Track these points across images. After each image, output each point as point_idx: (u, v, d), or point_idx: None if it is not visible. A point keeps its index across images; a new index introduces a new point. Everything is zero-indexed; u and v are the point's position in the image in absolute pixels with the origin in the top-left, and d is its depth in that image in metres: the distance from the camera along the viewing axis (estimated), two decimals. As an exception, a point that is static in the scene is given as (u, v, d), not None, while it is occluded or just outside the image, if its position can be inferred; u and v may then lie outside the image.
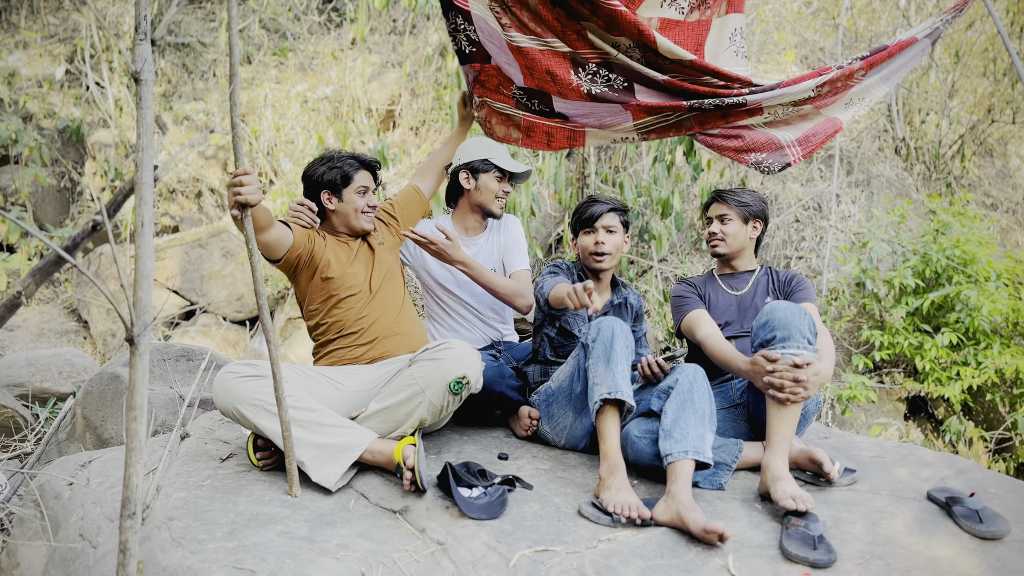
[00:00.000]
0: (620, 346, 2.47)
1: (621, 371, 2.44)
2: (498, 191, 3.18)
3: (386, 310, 2.85)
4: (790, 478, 2.29)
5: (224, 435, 2.75)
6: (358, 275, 2.82)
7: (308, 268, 2.79)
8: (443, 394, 2.46)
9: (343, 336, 2.78)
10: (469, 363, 2.48)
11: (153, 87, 1.72)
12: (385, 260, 2.95)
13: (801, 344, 2.38)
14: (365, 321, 2.79)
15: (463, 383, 2.47)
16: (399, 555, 2.05)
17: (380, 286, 2.87)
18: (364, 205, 2.86)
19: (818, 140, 2.88)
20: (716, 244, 3.00)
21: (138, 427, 1.72)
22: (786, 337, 2.39)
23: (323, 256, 2.78)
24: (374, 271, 2.87)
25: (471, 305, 3.20)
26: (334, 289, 2.78)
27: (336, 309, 2.78)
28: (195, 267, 7.68)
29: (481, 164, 3.15)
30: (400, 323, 2.86)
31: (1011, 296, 5.75)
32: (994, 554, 2.07)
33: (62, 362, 4.63)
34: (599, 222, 2.86)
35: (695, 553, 2.08)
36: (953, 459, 2.71)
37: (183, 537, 2.06)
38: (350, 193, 2.84)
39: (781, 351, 2.38)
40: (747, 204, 2.96)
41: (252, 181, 2.27)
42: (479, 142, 3.21)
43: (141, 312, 1.69)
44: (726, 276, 3.01)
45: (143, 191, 1.69)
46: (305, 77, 9.18)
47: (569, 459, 2.72)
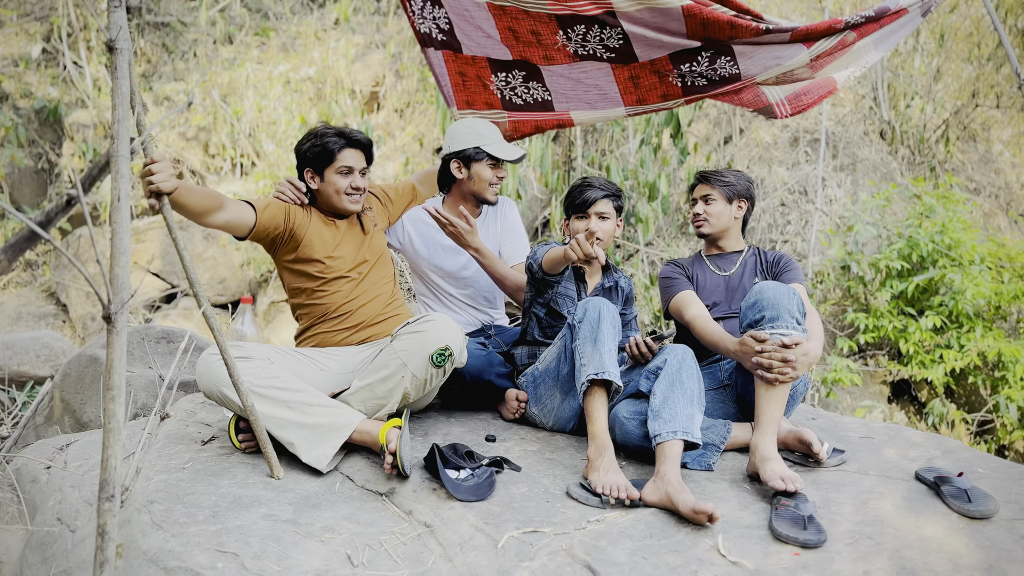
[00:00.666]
0: (607, 326, 2.45)
1: (608, 351, 2.41)
2: (492, 178, 3.03)
3: (375, 295, 2.78)
4: (779, 458, 2.28)
5: (206, 418, 2.71)
6: (345, 258, 2.75)
7: (287, 247, 2.71)
8: (426, 366, 2.41)
9: (327, 319, 2.73)
10: (451, 335, 2.44)
11: (130, 59, 1.66)
12: (378, 244, 2.87)
13: (790, 324, 2.36)
14: (352, 305, 2.73)
15: (446, 355, 2.42)
16: (385, 537, 2.02)
17: (370, 271, 2.80)
18: (347, 186, 2.72)
19: (810, 99, 2.88)
20: (700, 224, 2.98)
21: (116, 407, 1.67)
22: (775, 317, 2.37)
23: (305, 235, 2.70)
24: (364, 254, 2.80)
25: (463, 290, 3.15)
26: (318, 271, 2.72)
27: (321, 291, 2.73)
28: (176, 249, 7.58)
29: (473, 152, 2.99)
30: (389, 308, 2.81)
31: (994, 280, 5.79)
32: (983, 533, 2.07)
33: (40, 345, 4.55)
34: (592, 208, 2.78)
35: (684, 534, 2.07)
36: (941, 439, 2.72)
37: (164, 520, 2.01)
38: (331, 173, 2.71)
39: (770, 331, 2.37)
40: (731, 184, 2.94)
41: (163, 169, 2.20)
42: (469, 126, 3.05)
43: (118, 289, 1.64)
44: (713, 257, 2.99)
45: (120, 164, 1.63)
46: (288, 57, 9.05)
47: (557, 441, 2.70)
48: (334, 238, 2.76)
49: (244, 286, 7.82)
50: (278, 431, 2.33)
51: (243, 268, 7.84)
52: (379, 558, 1.93)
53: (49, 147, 8.66)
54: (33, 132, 8.57)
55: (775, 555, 1.97)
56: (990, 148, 8.58)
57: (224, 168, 8.57)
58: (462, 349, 2.49)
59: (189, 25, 9.53)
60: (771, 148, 7.74)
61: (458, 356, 2.48)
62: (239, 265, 7.82)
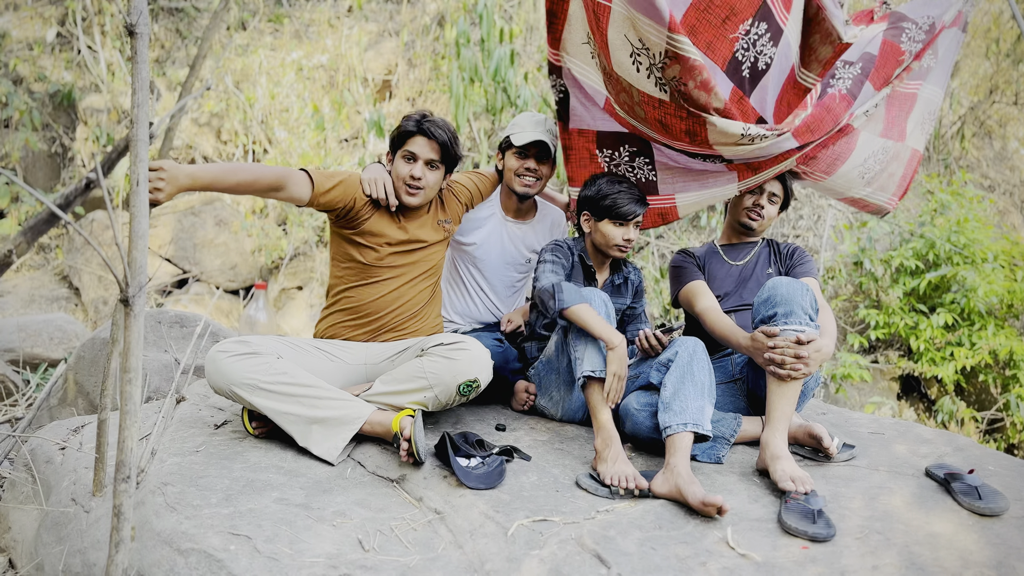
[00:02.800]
0: None
1: (601, 347, 2.42)
2: (518, 168, 2.95)
3: (407, 304, 2.72)
4: (789, 457, 2.27)
5: (219, 402, 2.72)
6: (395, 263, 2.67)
7: (342, 223, 2.63)
8: (451, 393, 2.42)
9: (351, 311, 2.70)
10: (482, 367, 2.43)
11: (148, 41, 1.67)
12: (436, 253, 2.78)
13: (803, 320, 2.36)
14: (381, 307, 2.68)
15: (473, 386, 2.43)
16: (396, 523, 2.03)
17: (414, 279, 2.72)
18: (406, 175, 2.61)
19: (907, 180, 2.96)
20: (756, 219, 2.93)
21: (133, 389, 1.69)
22: (788, 313, 2.37)
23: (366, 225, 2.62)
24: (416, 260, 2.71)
25: (493, 284, 3.13)
26: (365, 270, 2.65)
27: (358, 288, 2.68)
28: (188, 235, 7.62)
29: (504, 142, 2.96)
30: (416, 320, 2.75)
31: (1007, 278, 5.75)
32: (993, 530, 2.07)
33: (53, 328, 4.59)
34: (634, 220, 2.76)
35: (693, 525, 2.07)
36: (951, 436, 2.71)
37: (178, 502, 2.03)
38: (398, 157, 2.63)
39: (783, 327, 2.36)
40: (790, 196, 2.99)
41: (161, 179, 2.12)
42: (517, 118, 2.98)
43: (136, 272, 1.65)
44: (727, 247, 2.98)
45: (138, 148, 1.64)
46: (301, 45, 9.05)
47: (567, 431, 2.70)
48: (402, 232, 2.68)
49: (255, 272, 7.85)
50: (288, 426, 2.34)
51: (255, 254, 7.86)
52: (390, 543, 1.95)
53: (63, 131, 8.69)
54: (47, 116, 8.61)
55: (784, 548, 1.98)
56: (1006, 145, 8.51)
57: (236, 155, 8.58)
58: (489, 378, 2.48)
59: (203, 10, 9.53)
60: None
61: (483, 385, 2.47)
62: (251, 251, 7.84)
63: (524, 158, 2.94)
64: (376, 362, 2.66)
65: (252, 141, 8.59)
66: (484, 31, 6.29)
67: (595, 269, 2.87)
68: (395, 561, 1.88)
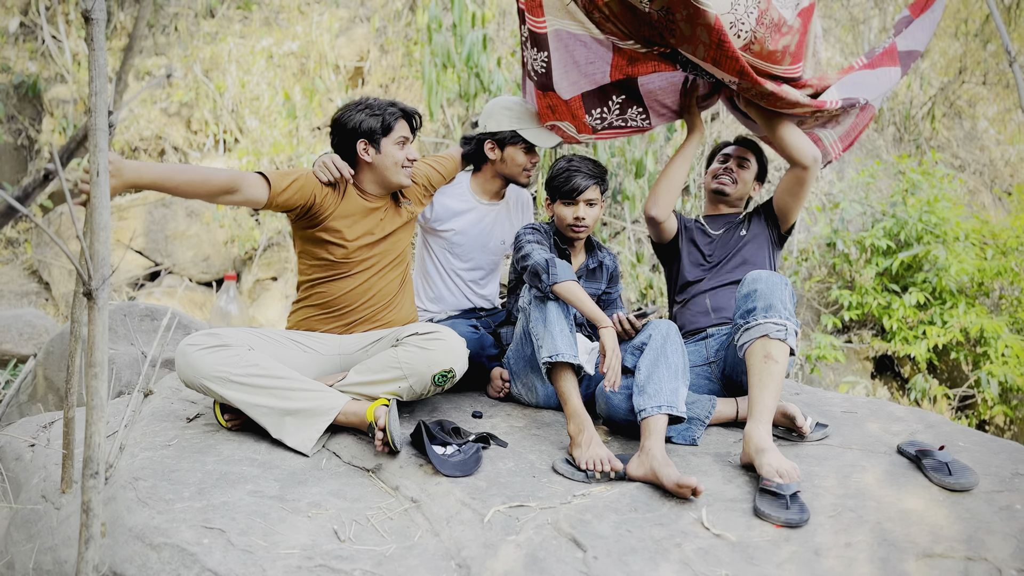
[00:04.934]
0: (554, 305, 2.46)
1: (560, 331, 2.42)
2: (526, 163, 2.97)
3: (378, 294, 2.70)
4: (775, 449, 2.22)
5: (191, 395, 2.69)
6: (364, 256, 2.65)
7: (304, 222, 2.59)
8: (426, 383, 2.41)
9: (323, 306, 2.67)
10: (457, 357, 2.43)
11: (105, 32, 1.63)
12: (403, 239, 2.76)
13: (782, 315, 2.37)
14: (353, 300, 2.66)
15: (448, 376, 2.43)
16: (372, 513, 2.03)
17: (383, 269, 2.70)
18: (403, 158, 2.61)
19: (856, 133, 2.96)
20: (725, 183, 2.99)
21: (99, 384, 1.66)
22: (768, 307, 2.38)
23: (328, 219, 2.58)
24: (385, 250, 2.69)
25: (469, 269, 3.12)
26: (341, 256, 2.62)
27: (328, 283, 2.65)
28: (159, 227, 7.51)
29: (508, 136, 2.94)
30: (389, 310, 2.73)
31: (978, 256, 5.83)
32: (963, 505, 2.10)
33: (22, 323, 4.51)
34: (581, 196, 2.74)
35: (669, 507, 2.09)
36: (923, 414, 2.75)
37: (149, 497, 2.01)
38: (389, 144, 2.59)
39: (762, 321, 2.37)
40: (763, 164, 3.05)
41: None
42: (505, 107, 2.98)
43: (99, 265, 1.62)
44: (711, 217, 3.07)
45: (97, 137, 1.61)
46: (270, 32, 8.93)
47: (543, 416, 2.70)
48: (367, 224, 2.65)
49: (228, 263, 7.77)
50: (261, 419, 2.32)
51: (227, 246, 7.77)
52: (366, 533, 1.94)
53: (28, 123, 8.53)
54: (12, 108, 8.43)
55: (758, 528, 1.99)
56: (975, 125, 8.60)
57: (207, 144, 8.47)
58: (464, 368, 2.47)
59: (170, -1, 9.37)
60: (758, 125, 7.73)
61: (459, 375, 2.47)
62: (223, 243, 7.75)
63: (530, 153, 2.98)
64: (350, 352, 2.64)
65: (223, 130, 8.47)
66: (456, 16, 6.23)
67: (569, 252, 2.86)
68: (371, 551, 1.87)
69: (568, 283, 2.45)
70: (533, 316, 2.50)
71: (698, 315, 2.88)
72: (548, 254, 2.56)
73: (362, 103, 2.61)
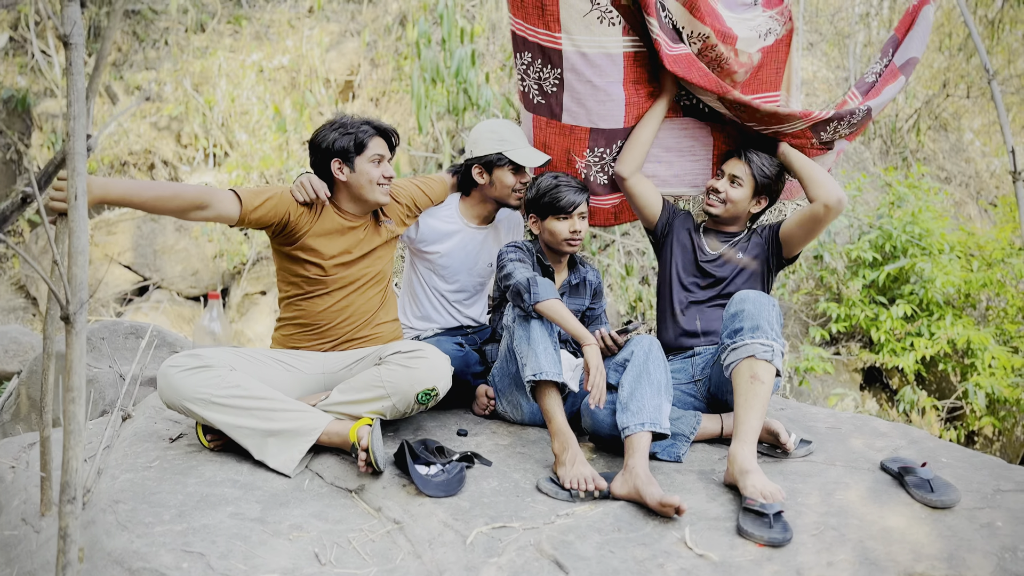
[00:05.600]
0: (537, 323, 2.47)
1: (543, 349, 2.42)
2: (515, 184, 2.93)
3: (356, 313, 2.69)
4: (759, 471, 2.21)
5: (174, 414, 2.68)
6: (341, 275, 2.64)
7: (280, 239, 2.60)
8: (409, 402, 2.41)
9: (303, 324, 2.67)
10: (440, 375, 2.43)
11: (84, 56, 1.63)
12: (383, 258, 2.76)
13: (769, 335, 2.37)
14: (331, 318, 2.65)
15: (431, 394, 2.42)
16: (354, 535, 2.02)
17: (362, 287, 2.69)
18: (379, 176, 2.59)
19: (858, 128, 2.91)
20: (713, 204, 2.83)
21: (76, 408, 1.65)
22: (754, 327, 2.38)
23: (305, 238, 2.58)
24: (363, 269, 2.68)
25: (455, 291, 3.10)
26: (317, 275, 2.61)
27: (306, 300, 2.65)
28: (148, 242, 7.49)
29: (495, 158, 2.90)
30: (370, 327, 2.72)
31: (963, 268, 5.87)
32: (944, 522, 2.11)
33: (8, 340, 4.48)
34: (576, 210, 2.74)
35: (652, 526, 2.08)
36: (906, 429, 2.75)
37: (129, 520, 2.00)
38: (363, 162, 2.58)
39: (749, 341, 2.37)
40: (767, 177, 2.78)
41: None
42: (491, 130, 2.95)
43: (76, 289, 1.62)
44: (709, 231, 2.95)
45: (75, 162, 1.60)
46: (261, 46, 8.94)
47: (528, 434, 2.70)
48: (344, 243, 2.64)
49: (217, 278, 7.75)
50: (244, 440, 2.31)
51: (216, 260, 7.76)
52: (347, 556, 1.93)
53: (17, 137, 8.51)
54: (1, 122, 8.41)
55: (741, 547, 1.99)
56: (961, 137, 8.67)
57: (197, 158, 8.46)
58: (447, 386, 2.47)
59: (160, 13, 9.38)
60: (746, 138, 7.78)
61: (442, 394, 2.47)
62: (212, 257, 7.73)
63: (519, 173, 2.94)
64: (334, 371, 2.63)
65: (213, 144, 8.47)
66: (445, 31, 6.26)
67: (553, 269, 2.87)
68: (352, 574, 1.86)
69: (551, 301, 2.45)
70: (517, 334, 2.50)
71: (686, 333, 2.86)
72: (530, 272, 2.56)
73: (336, 123, 2.61)
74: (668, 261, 2.94)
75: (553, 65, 2.80)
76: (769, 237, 2.85)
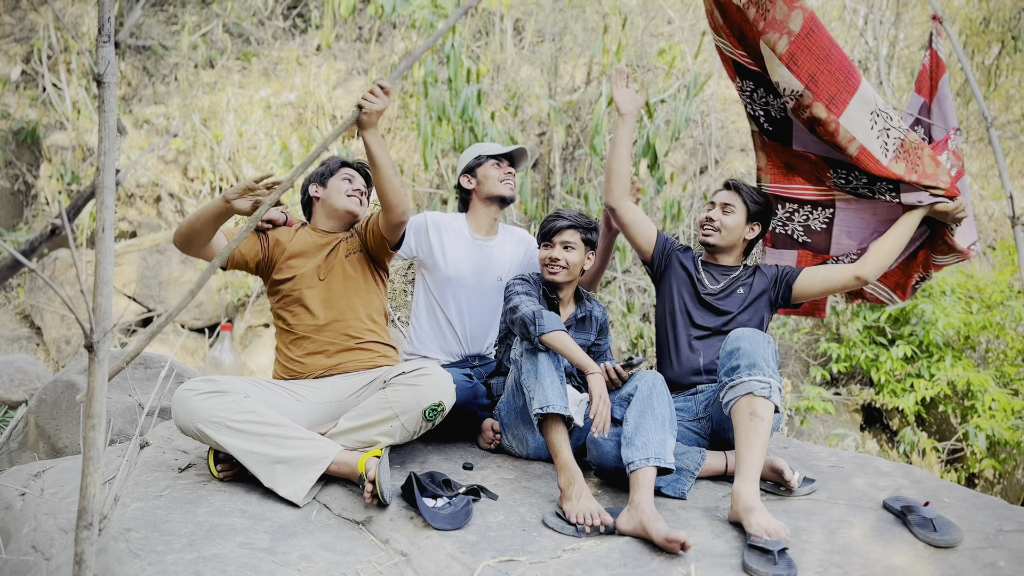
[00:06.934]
0: (544, 357, 2.51)
1: (550, 383, 2.46)
2: (500, 175, 3.16)
3: (346, 317, 2.76)
4: (763, 508, 2.22)
5: (183, 444, 2.70)
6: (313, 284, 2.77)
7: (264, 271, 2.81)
8: (417, 420, 2.45)
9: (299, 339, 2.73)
10: (445, 391, 2.48)
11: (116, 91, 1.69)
12: (353, 268, 2.85)
13: (766, 372, 2.41)
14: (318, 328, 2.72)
15: (438, 410, 2.47)
16: (362, 566, 2.03)
17: (342, 296, 2.78)
18: (349, 188, 2.87)
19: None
20: (709, 233, 2.92)
21: (96, 436, 1.68)
22: (751, 365, 2.42)
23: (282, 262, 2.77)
24: (336, 279, 2.79)
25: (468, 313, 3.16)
26: (292, 301, 2.75)
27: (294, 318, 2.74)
28: (153, 273, 7.55)
29: (474, 161, 3.17)
30: (365, 334, 2.78)
31: (964, 310, 5.91)
32: (947, 562, 2.12)
33: (14, 369, 4.50)
34: (557, 237, 2.83)
35: (658, 562, 2.10)
36: (908, 469, 2.78)
37: (140, 548, 2.01)
38: (335, 179, 2.87)
39: (747, 378, 2.41)
40: (757, 203, 2.93)
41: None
42: (466, 151, 3.24)
43: (101, 318, 1.66)
44: (708, 265, 2.98)
45: (105, 195, 1.66)
46: (269, 82, 9.10)
47: (534, 468, 2.72)
48: (317, 257, 2.79)
49: (221, 310, 7.79)
50: (254, 466, 2.34)
51: (220, 292, 7.81)
52: (356, 587, 1.94)
53: (26, 168, 8.61)
54: (10, 153, 8.52)
55: (746, 583, 2.01)
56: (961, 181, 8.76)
57: (203, 192, 8.56)
58: (452, 402, 2.53)
59: (170, 49, 9.56)
60: (746, 178, 7.85)
61: (448, 409, 2.52)
62: (216, 289, 7.79)
63: (500, 165, 3.17)
64: (342, 399, 2.67)
65: (219, 178, 8.58)
66: (451, 71, 6.39)
67: (559, 302, 2.91)
68: (361, 604, 1.87)
69: (557, 332, 2.49)
70: (525, 368, 2.53)
71: (688, 369, 2.89)
72: (536, 305, 2.61)
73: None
74: (668, 295, 2.97)
75: (776, 95, 2.89)
76: (778, 280, 2.90)
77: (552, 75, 8.05)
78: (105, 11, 1.65)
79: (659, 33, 8.23)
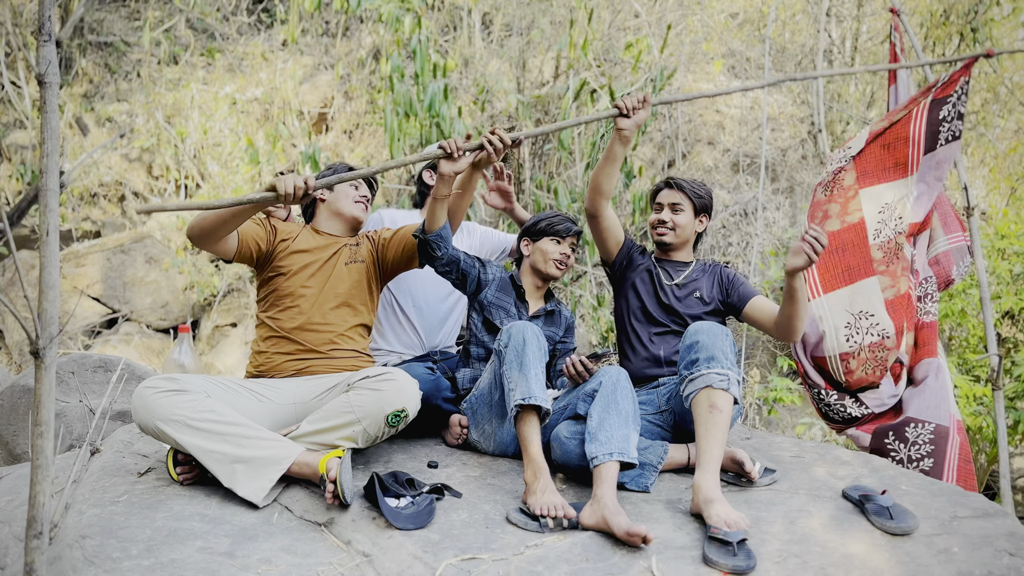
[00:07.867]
0: (532, 350, 2.51)
1: (535, 375, 2.47)
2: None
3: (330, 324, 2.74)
4: (723, 500, 2.25)
5: (143, 448, 2.67)
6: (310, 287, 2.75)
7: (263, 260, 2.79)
8: (380, 425, 2.43)
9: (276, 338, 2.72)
10: (409, 396, 2.46)
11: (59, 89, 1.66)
12: (350, 278, 2.83)
13: (724, 364, 2.44)
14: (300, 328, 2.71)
15: (401, 416, 2.45)
16: (323, 568, 2.02)
17: (328, 302, 2.76)
18: (356, 195, 2.91)
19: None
20: (664, 233, 3.00)
21: (44, 443, 1.65)
22: (711, 357, 2.45)
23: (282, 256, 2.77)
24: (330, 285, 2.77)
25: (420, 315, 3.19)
26: (280, 296, 2.74)
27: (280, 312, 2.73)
28: (117, 273, 7.44)
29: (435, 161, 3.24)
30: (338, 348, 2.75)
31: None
32: (903, 549, 2.16)
33: (-28, 374, 4.42)
34: (570, 236, 2.97)
35: (620, 556, 2.11)
36: (868, 458, 2.82)
37: (96, 556, 1.98)
38: (342, 184, 2.87)
39: (705, 371, 2.44)
40: (701, 197, 3.01)
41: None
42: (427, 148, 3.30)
43: (47, 323, 1.63)
44: (662, 262, 3.06)
45: (48, 198, 1.63)
46: (234, 78, 8.98)
47: (499, 465, 2.72)
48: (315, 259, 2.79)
49: (187, 310, 7.70)
50: (214, 465, 2.31)
51: (186, 292, 7.71)
52: (316, 589, 1.93)
53: (-15, 168, 8.43)
54: (-32, 153, 8.34)
55: (706, 575, 2.02)
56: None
57: (168, 190, 8.45)
58: (417, 407, 2.52)
59: (132, 45, 9.40)
60: (713, 172, 7.94)
61: (412, 415, 2.50)
62: (182, 289, 7.69)
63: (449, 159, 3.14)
64: (305, 400, 2.65)
65: (184, 176, 8.46)
66: (419, 66, 6.35)
67: (526, 292, 2.95)
68: (321, 607, 1.86)
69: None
70: (508, 359, 2.53)
71: (650, 362, 2.92)
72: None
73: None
74: (629, 293, 3.04)
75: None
76: (728, 291, 2.99)
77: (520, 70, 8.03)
78: (45, 9, 1.61)
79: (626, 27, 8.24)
